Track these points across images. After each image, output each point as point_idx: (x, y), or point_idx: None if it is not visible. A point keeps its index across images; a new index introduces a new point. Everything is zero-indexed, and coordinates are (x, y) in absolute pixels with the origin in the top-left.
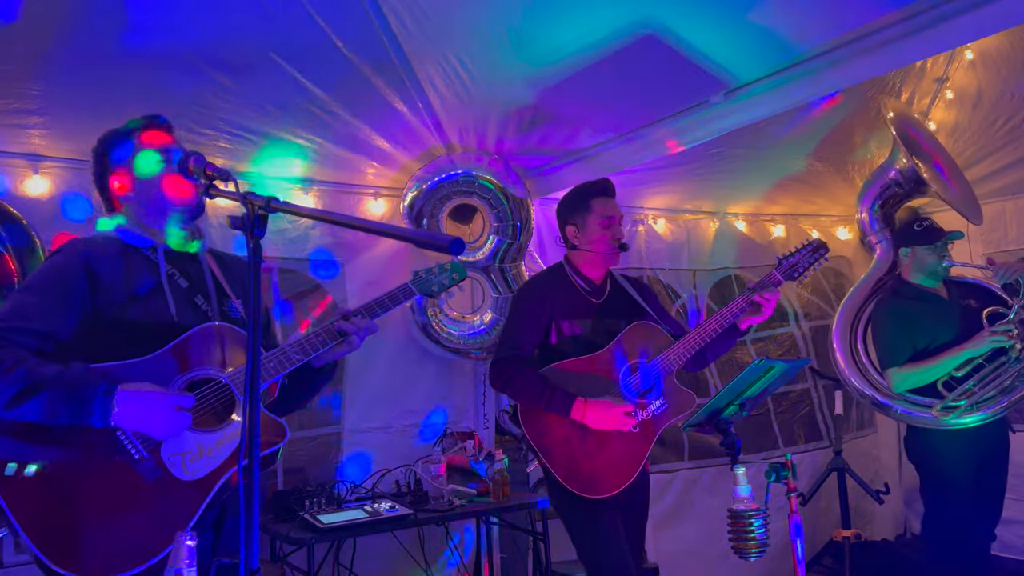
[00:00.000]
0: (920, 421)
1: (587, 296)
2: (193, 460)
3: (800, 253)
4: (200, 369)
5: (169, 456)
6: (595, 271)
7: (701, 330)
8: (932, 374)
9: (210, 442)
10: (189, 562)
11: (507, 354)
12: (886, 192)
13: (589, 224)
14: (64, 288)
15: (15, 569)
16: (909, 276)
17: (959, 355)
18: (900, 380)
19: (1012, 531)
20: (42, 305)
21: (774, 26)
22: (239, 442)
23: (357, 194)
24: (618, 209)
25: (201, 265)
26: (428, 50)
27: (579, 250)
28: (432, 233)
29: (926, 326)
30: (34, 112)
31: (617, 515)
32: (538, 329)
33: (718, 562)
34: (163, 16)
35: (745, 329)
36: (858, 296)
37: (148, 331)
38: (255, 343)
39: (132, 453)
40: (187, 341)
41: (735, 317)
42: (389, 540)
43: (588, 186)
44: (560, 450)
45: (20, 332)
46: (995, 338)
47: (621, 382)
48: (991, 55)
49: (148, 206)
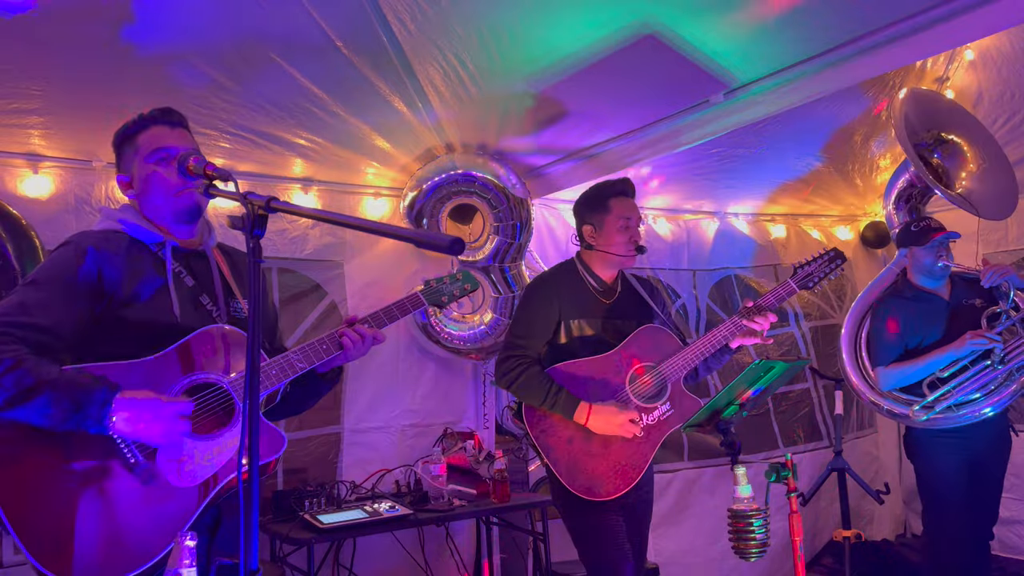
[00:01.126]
0: (903, 420)
1: (598, 296)
2: (189, 466)
3: (816, 262)
4: (202, 373)
5: (164, 461)
6: (608, 271)
7: (709, 338)
8: (917, 374)
9: (207, 448)
10: (189, 562)
11: (514, 351)
12: (909, 188)
13: (607, 225)
14: (69, 284)
15: (15, 569)
16: (911, 276)
17: (942, 356)
18: (886, 379)
19: (1012, 531)
20: (46, 300)
21: (774, 26)
22: (236, 449)
23: (357, 194)
24: (637, 210)
25: (209, 263)
26: (428, 50)
27: (595, 250)
28: (432, 233)
29: (916, 326)
30: (34, 112)
31: (619, 517)
32: (547, 326)
33: (718, 562)
34: (163, 16)
35: (736, 348)
36: (872, 293)
37: (150, 331)
38: (255, 343)
39: (127, 457)
40: (190, 344)
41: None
42: (389, 540)
43: (607, 185)
44: (563, 450)
45: (21, 327)
46: (976, 341)
47: (628, 386)
48: (991, 55)
49: (149, 203)
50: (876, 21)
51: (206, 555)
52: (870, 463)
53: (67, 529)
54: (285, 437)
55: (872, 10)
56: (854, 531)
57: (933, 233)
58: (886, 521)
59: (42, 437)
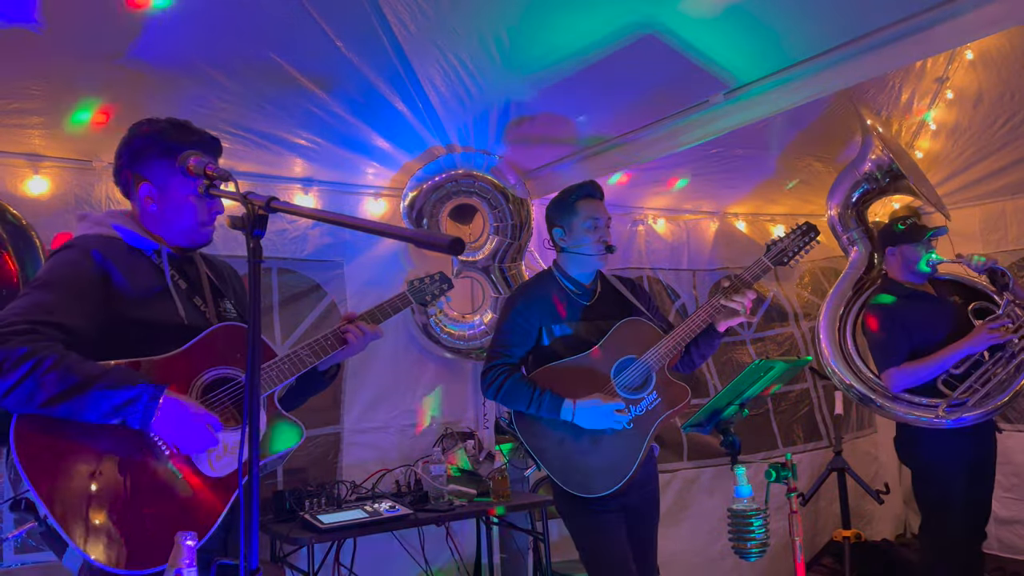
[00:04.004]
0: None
1: (576, 298)
2: (219, 457)
3: (789, 237)
4: (220, 368)
5: (197, 453)
6: (584, 273)
7: (690, 322)
8: (931, 372)
9: (233, 440)
10: (189, 562)
11: (495, 361)
12: (859, 188)
13: (575, 227)
14: (80, 285)
15: (15, 569)
16: (897, 276)
17: (958, 352)
18: (899, 380)
19: (1012, 531)
20: (62, 301)
21: (774, 26)
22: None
23: (357, 194)
24: (604, 211)
25: (197, 267)
26: (428, 50)
27: (567, 252)
28: (432, 233)
29: (921, 324)
30: (34, 112)
31: (620, 519)
32: (526, 336)
33: (718, 562)
34: (163, 16)
35: (724, 331)
36: (838, 298)
37: (159, 331)
38: (256, 342)
39: (162, 448)
40: (206, 340)
41: (718, 312)
42: (389, 540)
43: (574, 188)
44: (555, 452)
45: (47, 326)
46: (991, 335)
47: (613, 379)
48: (991, 55)
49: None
50: (876, 21)
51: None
52: (870, 463)
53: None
54: (303, 428)
55: (872, 10)
56: (854, 531)
57: (925, 229)
58: (886, 521)
59: (77, 428)
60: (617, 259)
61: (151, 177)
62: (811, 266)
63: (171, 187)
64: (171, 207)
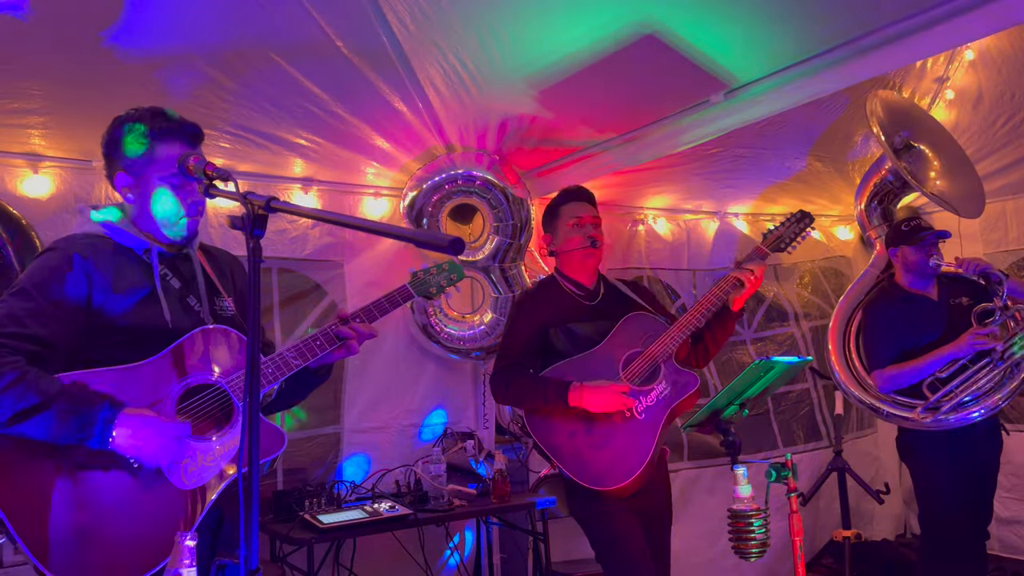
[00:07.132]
0: (905, 422)
1: (580, 300)
2: (192, 468)
3: (784, 225)
4: (198, 375)
5: (168, 465)
6: (582, 274)
7: (694, 311)
8: (916, 375)
9: (208, 450)
10: (189, 562)
11: (503, 364)
12: (882, 187)
13: (560, 229)
14: (59, 291)
15: (15, 569)
16: (899, 277)
17: (942, 357)
18: (885, 382)
19: (1012, 531)
20: (37, 310)
21: (774, 26)
22: (238, 448)
23: (357, 194)
24: (589, 210)
25: (192, 264)
26: (428, 50)
27: (559, 255)
28: (432, 233)
29: (911, 328)
30: (34, 112)
31: (635, 518)
32: (532, 339)
33: (718, 562)
34: (163, 16)
35: (739, 311)
36: (855, 293)
37: (142, 336)
38: (255, 342)
39: (131, 462)
40: (183, 346)
41: (725, 294)
42: (389, 540)
43: (559, 194)
44: (567, 447)
45: (16, 338)
46: (977, 341)
47: (621, 372)
48: (991, 55)
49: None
50: (876, 21)
51: (209, 555)
52: (870, 463)
53: (73, 534)
54: (285, 435)
55: (872, 10)
56: (854, 531)
57: (924, 232)
58: (886, 521)
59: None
60: (617, 259)
61: (126, 166)
62: (811, 266)
63: (145, 175)
64: (146, 195)
